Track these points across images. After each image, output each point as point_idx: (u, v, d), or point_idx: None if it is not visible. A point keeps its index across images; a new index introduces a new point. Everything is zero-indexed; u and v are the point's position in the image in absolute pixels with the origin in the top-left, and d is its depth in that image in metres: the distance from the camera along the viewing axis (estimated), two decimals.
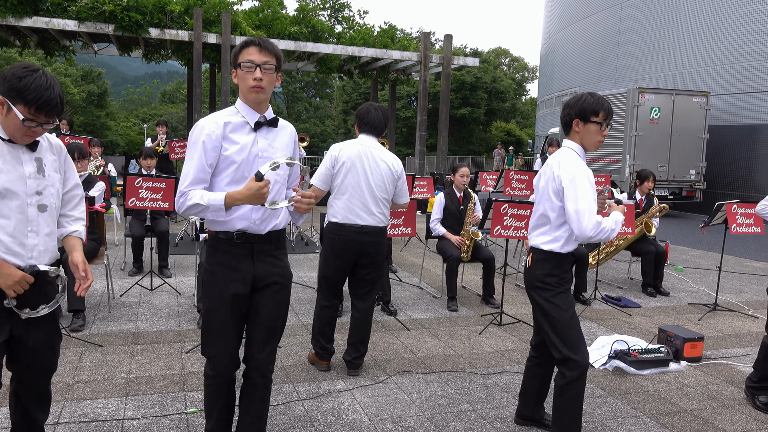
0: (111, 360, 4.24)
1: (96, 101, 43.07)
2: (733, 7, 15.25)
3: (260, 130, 2.58)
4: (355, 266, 4.09)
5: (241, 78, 2.52)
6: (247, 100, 2.55)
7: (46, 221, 2.34)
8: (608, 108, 2.99)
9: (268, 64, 2.49)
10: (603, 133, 3.00)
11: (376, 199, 4.03)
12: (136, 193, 5.94)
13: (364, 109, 4.15)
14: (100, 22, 13.72)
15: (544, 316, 3.08)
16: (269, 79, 2.52)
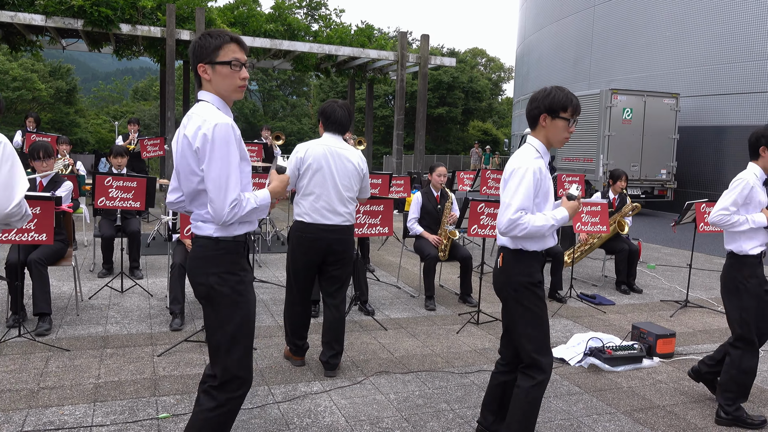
0: (79, 365, 4.13)
1: (65, 98, 42.14)
2: (702, 12, 15.55)
3: None
4: (324, 264, 4.09)
5: (225, 76, 2.41)
6: (227, 99, 2.48)
7: None
8: (576, 104, 2.84)
9: (247, 63, 2.47)
10: (570, 129, 2.83)
11: (342, 199, 4.04)
12: (105, 193, 5.81)
13: (329, 107, 4.11)
14: (69, 17, 13.41)
15: (513, 319, 2.92)
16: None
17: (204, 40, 2.43)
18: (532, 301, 2.88)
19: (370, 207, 5.24)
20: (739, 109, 14.63)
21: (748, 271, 3.64)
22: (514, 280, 2.89)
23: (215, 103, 2.46)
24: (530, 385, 2.84)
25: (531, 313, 2.88)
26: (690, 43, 15.86)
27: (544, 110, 2.83)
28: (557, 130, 2.83)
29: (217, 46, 2.41)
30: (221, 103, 2.47)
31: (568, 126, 2.83)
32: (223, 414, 2.44)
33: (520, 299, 2.89)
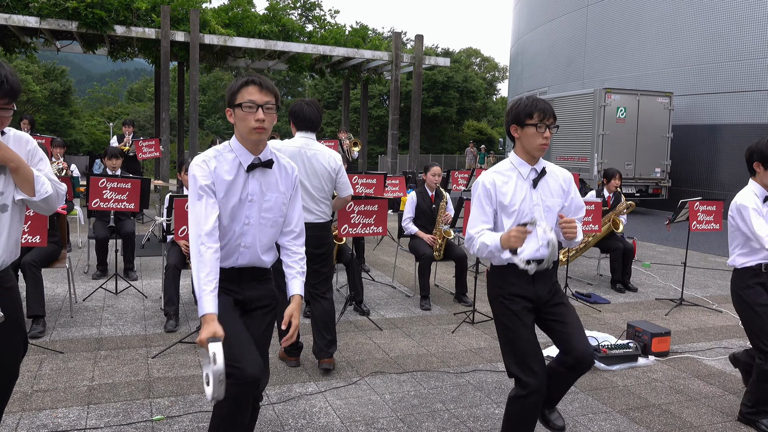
0: (72, 367, 4.11)
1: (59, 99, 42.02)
2: (695, 11, 15.60)
3: (254, 171, 2.50)
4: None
5: (240, 118, 2.43)
6: (246, 141, 2.48)
7: (6, 222, 2.28)
8: (543, 108, 2.75)
9: (269, 104, 2.43)
10: (543, 135, 2.74)
11: (314, 198, 4.10)
12: (99, 194, 5.79)
13: (297, 106, 4.13)
14: (63, 19, 13.37)
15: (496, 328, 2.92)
16: (270, 119, 2.45)
17: (231, 84, 2.51)
18: (505, 315, 2.83)
19: (365, 207, 5.23)
20: (733, 108, 14.68)
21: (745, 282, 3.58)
22: (491, 292, 2.92)
23: (232, 143, 2.51)
24: (512, 395, 2.84)
25: (504, 327, 2.84)
26: (683, 42, 15.92)
27: (512, 121, 2.83)
28: (529, 138, 2.77)
29: (236, 89, 2.45)
30: (238, 145, 2.49)
31: (539, 131, 2.74)
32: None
33: (496, 314, 2.90)
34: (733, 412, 3.77)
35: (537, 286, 2.85)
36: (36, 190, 2.34)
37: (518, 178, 2.83)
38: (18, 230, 2.40)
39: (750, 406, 3.60)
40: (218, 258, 2.38)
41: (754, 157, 3.52)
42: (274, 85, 2.48)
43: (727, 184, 14.60)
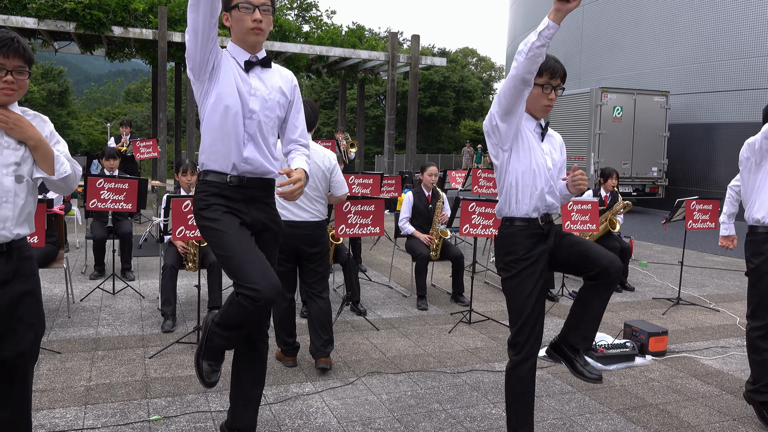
0: (70, 367, 4.11)
1: (57, 100, 42.03)
2: (691, 10, 15.63)
3: (253, 70, 2.55)
4: (300, 260, 4.17)
5: (237, 20, 2.47)
6: (244, 43, 2.52)
7: (23, 192, 2.33)
8: (553, 67, 2.75)
9: (265, 5, 2.47)
10: (549, 96, 2.77)
11: (309, 197, 4.11)
12: (97, 195, 5.78)
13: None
14: (61, 20, 13.36)
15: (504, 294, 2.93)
16: (268, 20, 2.50)
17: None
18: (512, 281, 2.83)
19: (362, 207, 5.23)
20: (729, 107, 14.72)
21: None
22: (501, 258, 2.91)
23: (229, 48, 2.56)
24: (508, 367, 2.88)
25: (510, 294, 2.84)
26: (679, 41, 15.95)
27: None
28: (534, 98, 2.78)
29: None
30: (234, 47, 2.55)
31: (544, 92, 2.77)
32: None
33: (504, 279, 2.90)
34: (730, 411, 3.78)
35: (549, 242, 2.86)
36: (55, 169, 2.38)
37: (526, 130, 2.85)
38: (32, 205, 2.41)
39: (752, 383, 3.60)
40: None
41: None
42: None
43: (724, 182, 14.62)
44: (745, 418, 3.68)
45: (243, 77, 2.54)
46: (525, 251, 2.79)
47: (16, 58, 2.22)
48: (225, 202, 2.54)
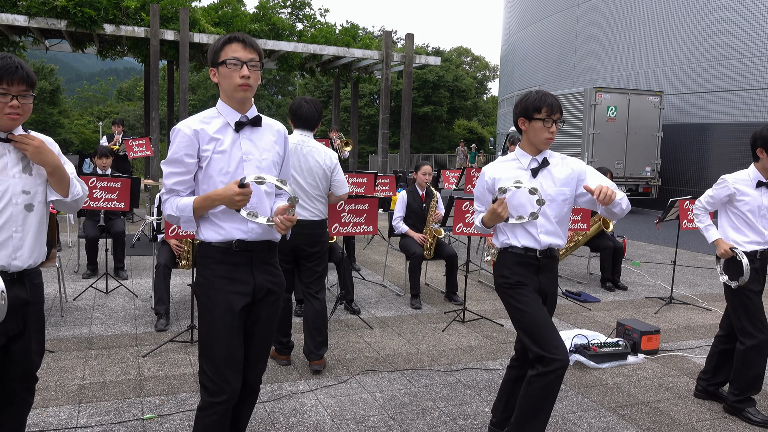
0: (63, 366, 4.10)
1: (48, 98, 41.77)
2: (685, 10, 15.70)
3: (243, 130, 2.45)
4: (299, 259, 4.14)
5: (225, 76, 2.39)
6: (232, 100, 2.43)
7: (33, 221, 2.33)
8: (551, 103, 2.85)
9: (253, 61, 2.40)
10: (550, 129, 2.85)
11: (309, 196, 4.09)
12: (89, 194, 5.76)
13: (296, 103, 4.14)
14: (52, 17, 13.29)
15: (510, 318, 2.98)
16: (256, 76, 2.42)
17: (213, 43, 2.46)
18: (515, 298, 2.92)
19: (355, 206, 5.24)
20: (723, 107, 14.79)
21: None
22: (498, 282, 3.01)
23: (218, 106, 2.48)
24: (534, 373, 2.84)
25: (516, 311, 2.92)
26: (673, 42, 16.02)
27: (520, 114, 2.91)
28: (535, 132, 2.87)
29: (219, 47, 2.41)
30: (224, 106, 2.46)
31: (545, 126, 2.85)
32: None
33: (505, 300, 2.98)
34: (721, 409, 3.81)
35: (541, 277, 2.96)
36: (70, 191, 2.42)
37: (518, 168, 2.95)
38: (43, 230, 2.41)
39: (737, 394, 3.67)
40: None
41: (757, 143, 3.61)
42: (257, 43, 2.46)
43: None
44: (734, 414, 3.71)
45: (235, 144, 2.43)
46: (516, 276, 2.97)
47: (21, 84, 2.23)
48: (227, 270, 2.43)
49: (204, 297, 2.44)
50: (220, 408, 2.43)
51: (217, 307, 2.41)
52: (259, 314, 2.53)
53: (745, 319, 3.61)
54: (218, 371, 2.40)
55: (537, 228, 2.91)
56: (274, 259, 2.58)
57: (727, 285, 3.69)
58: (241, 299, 2.43)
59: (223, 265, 2.43)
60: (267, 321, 2.57)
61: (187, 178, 2.42)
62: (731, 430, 3.51)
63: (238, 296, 2.42)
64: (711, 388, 3.93)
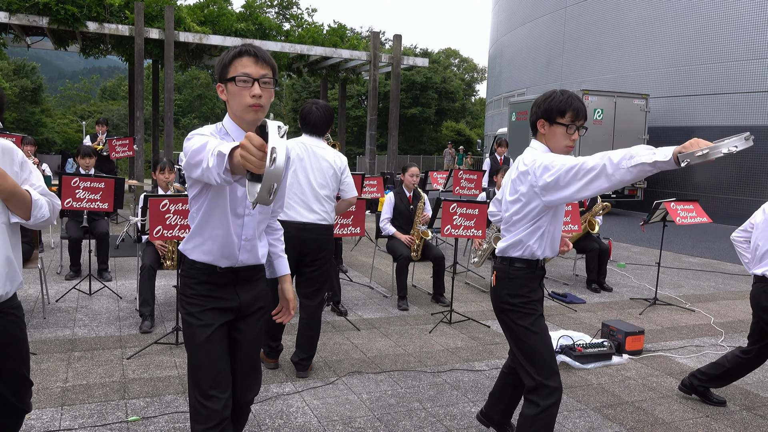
0: (45, 368, 4.04)
1: (30, 97, 41.21)
2: (671, 14, 15.87)
3: None
4: (300, 264, 4.01)
5: (234, 94, 2.11)
6: (241, 121, 2.17)
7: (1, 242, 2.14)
8: (578, 107, 2.60)
9: (266, 77, 2.11)
10: (572, 137, 2.61)
11: (318, 196, 3.98)
12: (72, 194, 5.69)
13: (306, 109, 4.04)
14: (33, 14, 13.10)
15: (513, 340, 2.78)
16: (268, 95, 2.14)
17: (221, 55, 2.19)
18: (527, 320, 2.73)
19: None
20: (707, 110, 14.96)
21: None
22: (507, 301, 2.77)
23: (226, 122, 2.21)
24: (537, 411, 2.64)
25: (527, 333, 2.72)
26: (659, 45, 16.18)
27: (541, 115, 2.67)
28: (555, 138, 2.64)
29: (228, 60, 2.14)
30: (232, 125, 2.19)
31: (568, 133, 2.62)
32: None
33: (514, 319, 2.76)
34: (704, 408, 3.85)
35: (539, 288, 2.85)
36: (32, 214, 2.19)
37: None
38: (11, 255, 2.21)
39: (703, 381, 3.85)
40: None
41: None
42: (270, 56, 2.18)
43: (701, 185, 14.87)
44: (717, 414, 3.77)
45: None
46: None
47: None
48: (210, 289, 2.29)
49: (186, 316, 2.30)
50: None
51: (199, 326, 2.26)
52: (246, 330, 2.40)
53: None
54: (207, 393, 2.22)
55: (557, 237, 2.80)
56: (259, 275, 2.43)
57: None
58: (223, 315, 2.30)
59: (205, 285, 2.28)
60: (256, 336, 2.44)
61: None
62: (713, 429, 3.55)
63: (220, 313, 2.29)
64: (701, 387, 3.93)
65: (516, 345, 2.75)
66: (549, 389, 2.63)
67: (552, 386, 2.64)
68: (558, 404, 2.66)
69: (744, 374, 3.80)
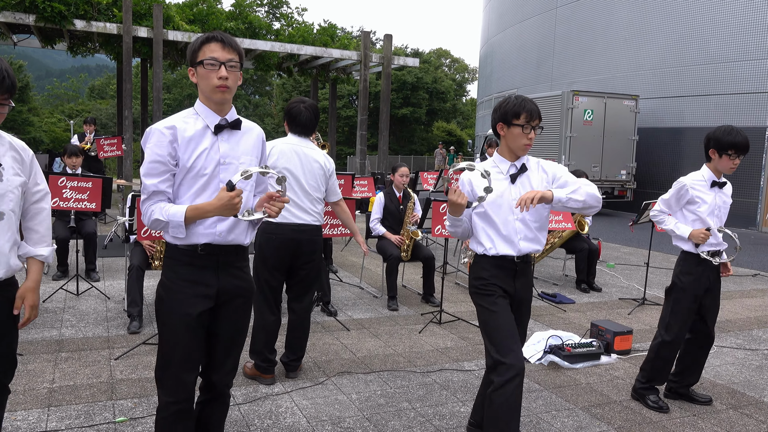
0: (32, 369, 4.01)
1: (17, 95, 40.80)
2: (661, 15, 15.98)
3: (222, 133, 2.40)
4: (294, 266, 3.97)
5: (202, 77, 2.33)
6: (210, 101, 2.38)
7: (3, 229, 2.22)
8: (531, 109, 2.83)
9: (232, 61, 2.34)
10: (528, 135, 2.85)
11: (311, 198, 3.97)
12: (59, 193, 5.65)
13: (295, 108, 3.98)
14: (20, 11, 12.98)
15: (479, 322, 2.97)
16: (234, 77, 2.36)
17: (192, 42, 2.40)
18: (485, 300, 2.91)
19: None
20: (697, 111, 15.08)
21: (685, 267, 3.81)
22: (472, 283, 3.00)
23: (197, 106, 2.43)
24: (493, 389, 2.77)
25: (485, 312, 2.91)
26: (649, 46, 16.28)
27: (499, 119, 2.90)
28: (514, 138, 2.87)
29: (197, 46, 2.36)
30: (202, 107, 2.41)
31: (524, 132, 2.84)
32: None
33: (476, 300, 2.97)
34: (691, 407, 3.88)
35: (517, 282, 2.96)
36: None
37: (497, 174, 2.92)
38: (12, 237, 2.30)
39: (644, 382, 3.90)
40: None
41: (710, 144, 3.74)
42: (237, 43, 2.40)
43: None
44: (704, 413, 3.79)
45: (213, 147, 2.39)
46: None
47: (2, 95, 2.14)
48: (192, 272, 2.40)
49: (166, 298, 2.41)
50: (173, 407, 2.42)
51: (176, 309, 2.38)
52: (224, 317, 2.50)
53: (672, 317, 3.78)
54: (173, 372, 2.40)
55: (517, 235, 2.89)
56: (242, 263, 2.53)
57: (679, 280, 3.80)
58: (203, 302, 2.40)
59: (188, 267, 2.39)
60: (234, 324, 2.53)
61: (169, 176, 2.35)
62: (700, 428, 3.58)
63: (199, 299, 2.39)
64: (682, 389, 3.99)
65: (480, 325, 2.95)
66: (505, 366, 2.74)
67: (508, 363, 2.73)
68: (516, 382, 2.72)
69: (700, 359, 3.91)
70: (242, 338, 2.61)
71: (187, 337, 2.39)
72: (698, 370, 3.95)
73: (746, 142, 3.66)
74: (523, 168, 2.92)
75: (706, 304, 3.81)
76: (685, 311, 3.75)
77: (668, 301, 3.84)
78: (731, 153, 3.65)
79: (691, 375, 3.96)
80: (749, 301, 6.92)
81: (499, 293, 2.90)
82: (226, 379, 2.60)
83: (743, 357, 4.92)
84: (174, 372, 2.40)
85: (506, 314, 2.88)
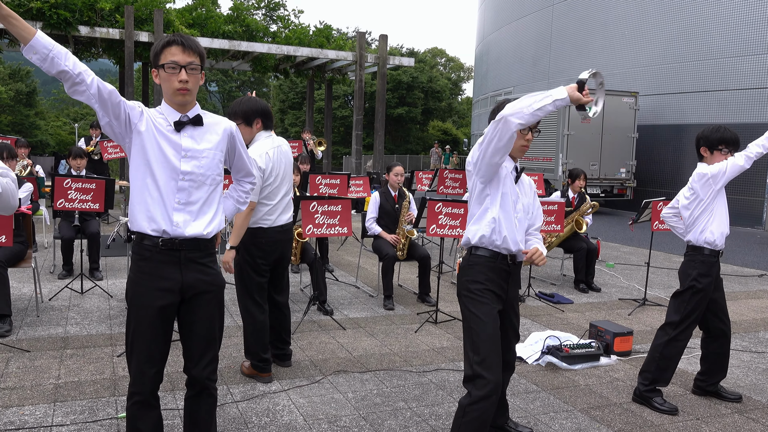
0: (39, 365, 4.09)
1: (24, 100, 41.58)
2: (659, 11, 15.80)
3: (184, 129, 2.46)
4: (278, 265, 4.09)
5: (164, 80, 2.39)
6: (172, 102, 2.45)
7: None
8: None
9: (192, 64, 2.38)
10: (526, 137, 2.90)
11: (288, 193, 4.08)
12: (64, 194, 5.77)
13: (264, 105, 3.92)
14: (27, 19, 13.12)
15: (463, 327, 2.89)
16: (195, 80, 2.42)
17: (154, 43, 2.47)
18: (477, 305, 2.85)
19: (329, 207, 5.27)
20: (697, 108, 14.88)
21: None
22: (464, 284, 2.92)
23: (162, 106, 2.49)
24: (469, 402, 2.72)
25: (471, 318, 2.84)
26: (648, 42, 16.07)
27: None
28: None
29: (159, 49, 2.40)
30: (166, 107, 2.47)
31: (522, 134, 2.88)
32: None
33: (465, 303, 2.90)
34: (694, 410, 3.82)
35: (509, 285, 2.94)
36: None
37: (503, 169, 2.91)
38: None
39: (647, 384, 3.87)
40: None
41: (700, 142, 3.84)
42: (198, 44, 2.43)
43: None
44: (707, 417, 3.75)
45: (173, 141, 2.44)
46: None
47: None
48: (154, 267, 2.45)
49: (130, 291, 2.50)
50: (136, 398, 2.52)
51: (137, 302, 2.46)
52: (194, 312, 2.55)
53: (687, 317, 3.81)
54: (134, 364, 2.49)
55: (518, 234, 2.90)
56: (207, 259, 2.55)
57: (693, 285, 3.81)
58: (165, 296, 2.46)
59: (150, 262, 2.46)
60: (205, 319, 2.57)
61: (120, 101, 2.35)
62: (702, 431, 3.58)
63: (161, 293, 2.45)
64: (710, 387, 4.01)
65: (464, 332, 2.87)
66: (485, 381, 2.69)
67: (488, 378, 2.69)
68: (492, 400, 2.69)
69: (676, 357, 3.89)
70: (217, 332, 2.64)
71: (148, 331, 2.46)
72: (724, 365, 3.95)
73: (735, 137, 3.74)
74: (521, 170, 2.98)
75: (716, 298, 3.87)
76: (700, 312, 3.81)
77: (682, 302, 3.83)
78: (722, 148, 3.75)
79: (718, 371, 3.96)
80: (755, 302, 6.82)
81: (493, 301, 2.85)
82: (206, 372, 2.61)
83: (749, 360, 4.84)
84: (135, 364, 2.49)
85: (495, 325, 2.82)
